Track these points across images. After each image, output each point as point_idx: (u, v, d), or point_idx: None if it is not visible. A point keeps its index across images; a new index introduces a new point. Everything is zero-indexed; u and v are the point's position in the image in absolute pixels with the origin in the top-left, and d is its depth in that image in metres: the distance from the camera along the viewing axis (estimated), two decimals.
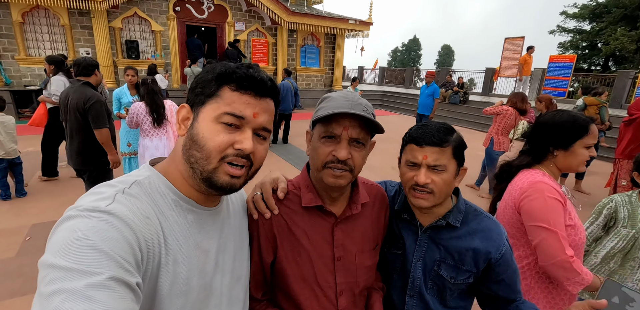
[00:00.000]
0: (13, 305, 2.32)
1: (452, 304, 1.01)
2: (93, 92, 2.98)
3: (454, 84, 12.43)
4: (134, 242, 0.53)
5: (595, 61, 23.45)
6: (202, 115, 0.65)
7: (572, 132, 1.28)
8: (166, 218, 0.63)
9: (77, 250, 0.47)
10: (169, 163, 0.70)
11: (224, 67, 0.66)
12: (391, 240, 1.05)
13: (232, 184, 0.66)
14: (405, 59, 46.98)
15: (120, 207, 0.55)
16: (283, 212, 0.89)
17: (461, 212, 1.00)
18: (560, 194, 1.27)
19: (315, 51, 12.79)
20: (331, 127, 0.82)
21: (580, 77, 12.90)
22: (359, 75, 21.66)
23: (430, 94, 7.17)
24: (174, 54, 9.99)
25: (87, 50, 8.88)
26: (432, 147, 0.91)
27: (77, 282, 0.45)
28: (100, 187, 0.60)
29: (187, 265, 0.64)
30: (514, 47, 12.79)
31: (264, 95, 0.67)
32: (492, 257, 0.96)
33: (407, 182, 0.96)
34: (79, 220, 0.51)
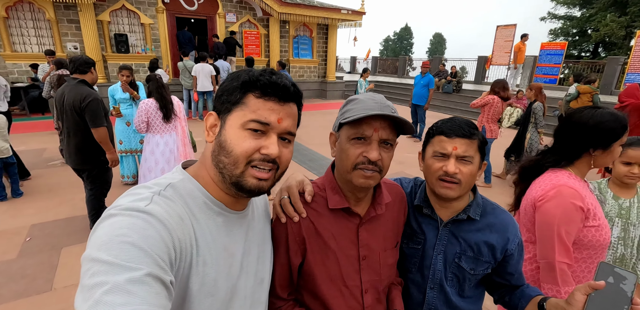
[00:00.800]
0: (18, 307, 2.32)
1: (469, 293, 1.07)
2: (90, 91, 2.93)
3: (447, 73, 12.43)
4: (169, 242, 0.56)
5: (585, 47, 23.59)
6: (229, 122, 0.67)
7: (616, 132, 1.23)
8: (197, 220, 0.66)
9: (119, 246, 0.50)
10: (199, 167, 0.73)
11: (248, 75, 0.68)
12: (410, 236, 1.08)
13: (260, 186, 0.68)
14: (397, 47, 46.70)
15: (157, 208, 0.58)
16: (310, 214, 0.91)
17: (479, 206, 1.04)
18: (583, 199, 1.24)
19: (308, 42, 12.64)
20: (362, 129, 0.83)
21: (570, 64, 12.99)
22: (351, 66, 21.49)
23: (425, 84, 7.18)
24: (164, 47, 9.78)
25: (75, 45, 8.66)
26: (462, 139, 0.96)
27: (119, 276, 0.47)
28: (137, 188, 0.63)
29: (215, 267, 0.67)
30: (506, 35, 12.78)
31: (287, 100, 0.69)
32: (508, 249, 1.02)
33: (435, 173, 0.99)
34: (120, 218, 0.54)
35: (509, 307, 1.07)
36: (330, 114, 10.13)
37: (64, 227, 3.39)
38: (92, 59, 3.11)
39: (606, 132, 1.23)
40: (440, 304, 1.05)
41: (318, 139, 7.21)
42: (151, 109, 3.40)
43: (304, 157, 5.97)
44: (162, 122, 3.47)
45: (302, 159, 5.86)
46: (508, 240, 1.02)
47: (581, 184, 1.29)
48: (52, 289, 2.51)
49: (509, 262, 1.04)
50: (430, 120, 9.12)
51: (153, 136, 3.49)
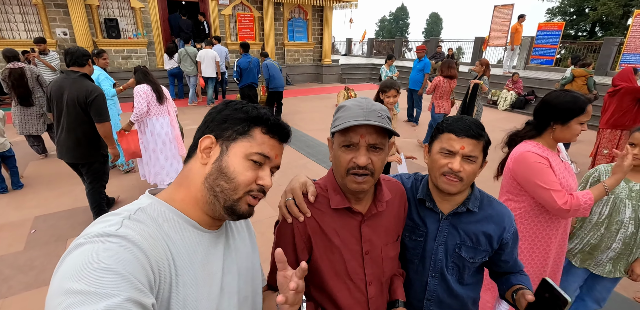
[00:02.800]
0: (29, 298, 2.39)
1: (468, 281, 1.15)
2: (94, 85, 2.91)
3: (444, 56, 12.28)
4: (146, 264, 0.55)
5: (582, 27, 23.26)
6: (233, 150, 0.72)
7: (572, 111, 1.52)
8: (173, 241, 0.66)
9: (92, 273, 0.48)
10: (175, 189, 0.74)
11: (256, 111, 0.75)
12: (412, 229, 1.14)
13: (250, 212, 0.75)
14: (393, 28, 45.72)
15: (129, 231, 0.57)
16: (314, 213, 0.96)
17: (477, 199, 1.12)
18: (544, 159, 1.55)
19: (303, 24, 12.34)
20: (349, 137, 0.88)
21: (567, 45, 12.85)
22: (347, 48, 21.13)
23: (421, 68, 7.08)
24: (156, 32, 9.51)
25: (65, 31, 8.39)
26: (470, 139, 1.01)
27: (96, 305, 0.45)
28: (105, 216, 0.62)
29: (196, 287, 0.67)
30: (504, 15, 12.56)
31: (284, 141, 0.79)
32: (504, 238, 1.11)
33: (440, 168, 1.05)
34: (91, 246, 0.52)
35: (498, 289, 1.21)
36: (327, 98, 10.05)
37: (68, 219, 3.43)
38: (88, 51, 3.06)
39: (564, 110, 1.53)
40: (442, 291, 1.13)
41: (315, 124, 7.19)
42: (149, 92, 3.56)
43: (302, 143, 5.97)
44: (157, 105, 3.64)
45: (300, 145, 5.86)
46: (504, 229, 1.10)
47: (547, 152, 1.60)
48: None
49: (504, 250, 1.13)
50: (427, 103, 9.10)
51: (149, 119, 3.65)
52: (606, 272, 1.83)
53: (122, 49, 9.03)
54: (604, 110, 4.42)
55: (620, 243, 1.77)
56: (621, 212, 1.74)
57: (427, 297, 1.15)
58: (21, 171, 4.31)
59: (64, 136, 2.95)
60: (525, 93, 9.23)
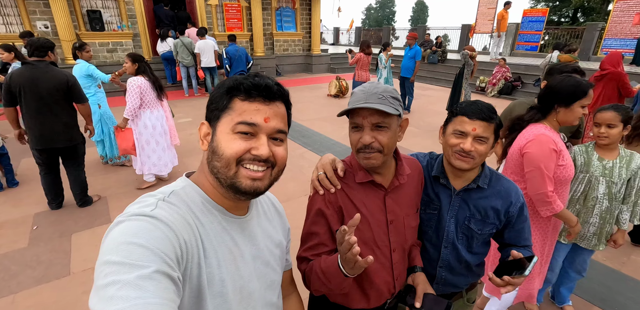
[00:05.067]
0: (41, 292, 2.41)
1: (476, 250, 1.27)
2: (67, 71, 3.14)
3: (432, 44, 12.33)
4: (175, 242, 0.59)
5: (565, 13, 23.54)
6: (219, 128, 0.70)
7: (575, 94, 1.63)
8: (202, 224, 0.69)
9: (127, 247, 0.54)
10: (199, 174, 0.76)
11: (232, 81, 0.71)
12: (427, 203, 1.25)
13: (256, 187, 0.71)
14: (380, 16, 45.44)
15: (163, 212, 0.62)
16: (343, 187, 1.07)
17: (487, 176, 1.22)
18: (556, 144, 1.64)
19: (291, 14, 12.17)
20: (354, 119, 0.98)
21: (550, 31, 13.05)
22: (334, 37, 20.96)
23: (412, 56, 7.14)
24: (141, 24, 9.25)
25: (46, 24, 8.08)
26: (482, 122, 1.10)
27: (129, 274, 0.51)
28: (143, 197, 0.67)
29: (222, 268, 0.70)
30: (489, 2, 12.64)
31: (272, 99, 0.72)
32: (510, 211, 1.21)
33: (453, 147, 1.15)
34: (128, 224, 0.58)
35: None
36: (318, 88, 10.02)
37: (69, 214, 3.42)
38: (51, 42, 3.19)
39: (567, 92, 1.64)
40: (453, 259, 1.25)
41: (308, 114, 7.19)
42: (144, 85, 3.55)
43: (297, 133, 6.00)
44: (155, 98, 3.70)
45: (296, 135, 5.89)
46: (511, 203, 1.20)
47: (554, 134, 1.70)
48: (70, 274, 2.59)
49: (512, 221, 1.23)
50: (418, 91, 9.19)
51: (144, 112, 3.67)
52: (592, 245, 1.99)
53: (106, 41, 8.78)
54: None
55: (597, 218, 1.91)
56: (596, 189, 1.87)
57: (439, 265, 1.27)
58: (15, 168, 4.24)
59: (49, 123, 3.09)
60: (512, 79, 9.38)
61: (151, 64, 9.29)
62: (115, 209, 3.52)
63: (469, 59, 5.43)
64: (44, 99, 2.99)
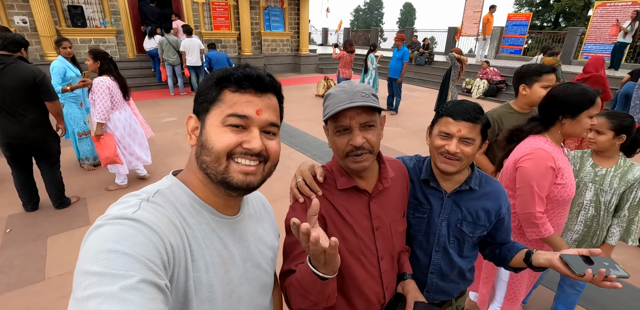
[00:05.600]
0: (14, 298, 2.29)
1: (467, 254, 1.24)
2: (37, 67, 2.95)
3: (419, 45, 12.45)
4: (160, 247, 0.56)
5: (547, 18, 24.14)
6: (208, 121, 0.66)
7: (582, 103, 1.46)
8: (189, 225, 0.65)
9: (108, 256, 0.50)
10: (187, 172, 0.72)
11: (222, 71, 0.68)
12: (415, 207, 1.21)
13: (249, 182, 0.67)
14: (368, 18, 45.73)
15: (146, 214, 0.58)
16: (325, 194, 1.01)
17: (477, 178, 1.19)
18: (555, 161, 1.50)
19: (280, 13, 12.09)
20: (340, 122, 0.92)
21: (534, 35, 13.34)
22: (323, 38, 20.96)
23: (399, 57, 7.18)
24: (125, 21, 9.03)
25: (24, 19, 7.78)
26: (467, 122, 1.07)
27: (112, 285, 0.47)
28: (126, 197, 0.63)
29: (211, 272, 0.66)
30: (475, 6, 12.82)
31: (264, 90, 0.68)
32: (501, 213, 1.19)
33: (438, 149, 1.12)
34: (108, 228, 0.54)
35: (498, 258, 1.26)
36: (307, 88, 9.98)
37: (45, 216, 3.28)
38: (27, 41, 3.08)
39: (573, 102, 1.48)
40: (444, 264, 1.21)
41: (296, 114, 7.14)
42: (112, 86, 3.36)
43: (285, 133, 5.94)
44: (122, 99, 3.54)
45: (283, 135, 5.82)
46: (501, 205, 1.19)
47: (555, 149, 1.55)
48: (45, 279, 2.47)
49: (502, 223, 1.22)
50: (406, 92, 9.26)
51: (113, 113, 3.49)
52: None
53: (88, 38, 8.52)
54: None
55: (582, 225, 1.85)
56: (583, 194, 1.82)
57: (430, 271, 1.22)
58: None
59: (15, 120, 2.93)
60: (497, 81, 9.53)
61: (136, 62, 9.23)
62: (94, 211, 3.39)
63: (455, 61, 5.48)
64: (9, 94, 2.84)
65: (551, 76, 1.92)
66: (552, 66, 1.96)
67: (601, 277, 0.90)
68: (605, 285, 0.90)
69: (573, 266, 0.93)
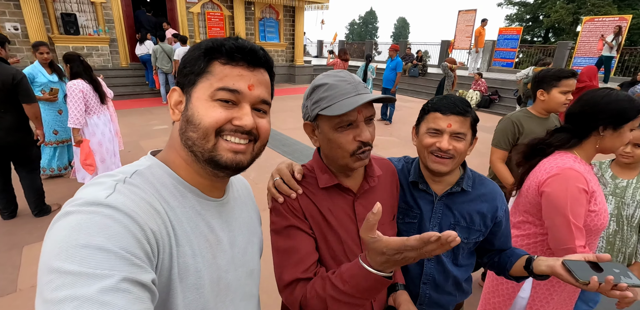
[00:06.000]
0: None
1: (462, 262, 1.13)
2: (15, 68, 2.89)
3: (413, 57, 12.62)
4: (141, 236, 0.50)
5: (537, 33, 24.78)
6: (195, 95, 0.61)
7: (627, 112, 1.22)
8: (172, 208, 0.60)
9: (82, 251, 0.43)
10: (168, 151, 0.66)
11: (211, 41, 0.62)
12: (405, 211, 1.12)
13: (238, 161, 0.63)
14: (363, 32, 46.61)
15: (121, 198, 0.51)
16: (306, 192, 0.92)
17: (470, 178, 1.11)
18: (588, 183, 1.25)
19: (275, 24, 12.22)
20: (346, 116, 0.81)
21: (524, 49, 13.61)
22: (318, 50, 21.19)
23: (393, 67, 7.23)
24: (119, 29, 9.02)
25: (15, 25, 7.73)
26: (457, 116, 0.99)
27: (88, 287, 0.41)
28: (100, 177, 0.56)
29: (198, 258, 0.61)
30: (467, 20, 13.11)
31: (257, 65, 0.63)
32: (497, 216, 1.10)
33: (428, 148, 1.03)
34: (78, 217, 0.47)
35: (498, 266, 1.15)
36: (301, 98, 9.86)
37: (23, 224, 3.14)
38: (3, 36, 3.04)
39: (618, 110, 1.23)
40: (438, 274, 1.11)
41: (290, 123, 7.12)
42: (86, 90, 3.26)
43: (278, 142, 5.89)
44: (98, 103, 3.43)
45: (276, 144, 5.78)
46: (497, 207, 1.09)
47: (586, 168, 1.30)
48: (17, 290, 2.33)
49: (499, 227, 1.12)
50: (399, 103, 9.29)
51: (90, 117, 3.39)
52: None
53: (81, 46, 8.48)
54: None
55: (604, 241, 1.71)
56: None
57: (423, 281, 1.12)
58: None
59: None
60: (490, 93, 9.62)
61: (129, 70, 9.19)
62: None
63: (449, 71, 5.52)
64: None
65: (571, 81, 1.85)
66: (572, 70, 1.90)
67: (609, 285, 0.80)
68: (615, 294, 0.81)
69: (576, 273, 0.84)
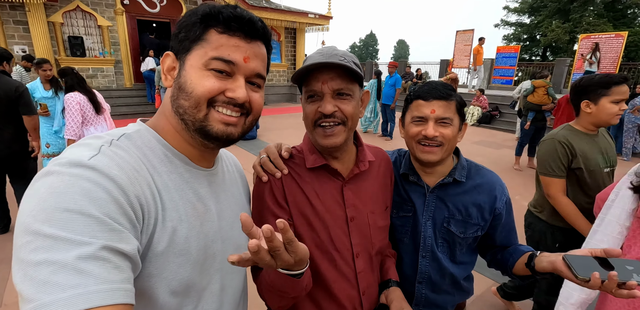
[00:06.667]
0: None
1: (461, 259, 1.06)
2: (17, 81, 2.96)
3: (413, 76, 12.82)
4: (123, 201, 0.49)
5: (535, 52, 25.24)
6: (188, 62, 0.60)
7: (601, 84, 1.45)
8: (159, 173, 0.59)
9: (62, 215, 0.43)
10: (158, 117, 0.65)
11: (209, 7, 0.60)
12: (399, 205, 1.06)
13: (229, 133, 0.62)
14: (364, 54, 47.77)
15: (106, 160, 0.50)
16: (292, 173, 0.88)
17: (464, 168, 1.05)
18: None
19: (276, 46, 12.56)
20: (311, 86, 0.80)
21: (523, 67, 13.80)
22: None
23: (392, 84, 7.31)
24: (124, 51, 9.32)
25: (24, 48, 8.00)
26: (439, 101, 0.95)
27: (66, 253, 0.41)
28: (88, 138, 0.55)
29: (184, 223, 0.60)
30: (465, 40, 13.39)
31: (254, 37, 0.62)
32: (496, 208, 1.02)
33: (415, 137, 0.99)
34: (61, 178, 0.46)
35: (500, 263, 1.08)
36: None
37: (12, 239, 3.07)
38: (9, 53, 3.12)
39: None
40: (434, 272, 1.04)
41: (291, 139, 7.09)
42: (83, 101, 3.33)
43: None
44: (94, 114, 3.46)
45: None
46: (495, 198, 1.02)
47: None
48: (2, 305, 2.25)
49: (499, 221, 1.05)
50: None
51: (87, 129, 3.44)
52: None
53: (87, 67, 8.73)
54: (559, 115, 4.82)
55: None
56: None
57: (418, 280, 1.05)
58: None
59: None
60: (491, 109, 9.65)
61: (133, 90, 9.37)
62: None
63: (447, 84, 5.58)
64: None
65: (624, 88, 1.55)
66: (624, 75, 1.62)
67: (613, 283, 0.69)
68: (622, 294, 0.70)
69: (576, 269, 0.74)
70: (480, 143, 7.41)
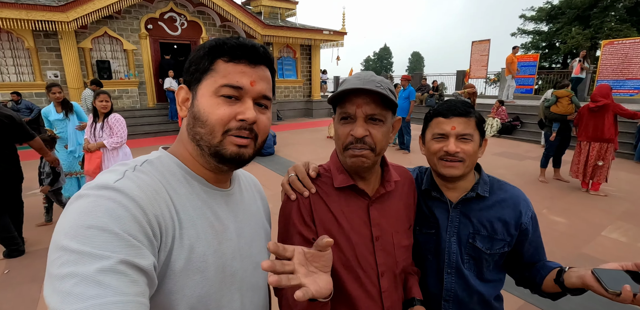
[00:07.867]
0: None
1: (489, 277, 1.04)
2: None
3: (429, 88, 12.76)
4: (142, 219, 0.53)
5: (555, 59, 24.69)
6: (200, 92, 0.65)
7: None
8: (178, 194, 0.63)
9: (86, 232, 0.47)
10: (177, 145, 0.71)
11: (214, 40, 0.66)
12: (422, 221, 1.06)
13: (241, 154, 0.66)
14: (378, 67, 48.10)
15: (129, 183, 0.55)
16: (319, 192, 0.90)
17: (487, 183, 1.05)
18: None
19: (292, 63, 12.86)
20: (346, 108, 0.84)
21: (543, 75, 13.51)
22: (335, 85, 21.86)
23: (406, 96, 7.31)
24: (147, 73, 9.77)
25: (56, 73, 8.53)
26: (459, 118, 0.98)
27: (88, 266, 0.45)
28: (115, 166, 0.62)
29: (202, 241, 0.63)
30: (481, 50, 13.31)
31: (258, 62, 0.67)
32: (522, 223, 1.01)
33: (436, 154, 1.01)
34: (88, 200, 0.51)
35: (528, 281, 1.05)
36: (318, 131, 10.14)
37: (44, 257, 3.17)
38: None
39: None
40: (460, 290, 1.02)
41: (307, 155, 7.17)
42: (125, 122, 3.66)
43: None
44: None
45: None
46: (521, 213, 1.01)
47: None
48: None
49: (526, 236, 1.03)
50: (416, 132, 9.23)
51: (125, 147, 3.73)
52: None
53: (112, 89, 9.16)
54: (585, 125, 4.72)
55: None
56: None
57: (444, 298, 1.03)
58: None
59: None
60: (511, 119, 9.45)
61: (155, 110, 9.72)
62: None
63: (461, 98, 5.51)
64: None
65: None
66: None
67: None
68: None
69: (606, 282, 0.73)
70: (503, 154, 7.23)
